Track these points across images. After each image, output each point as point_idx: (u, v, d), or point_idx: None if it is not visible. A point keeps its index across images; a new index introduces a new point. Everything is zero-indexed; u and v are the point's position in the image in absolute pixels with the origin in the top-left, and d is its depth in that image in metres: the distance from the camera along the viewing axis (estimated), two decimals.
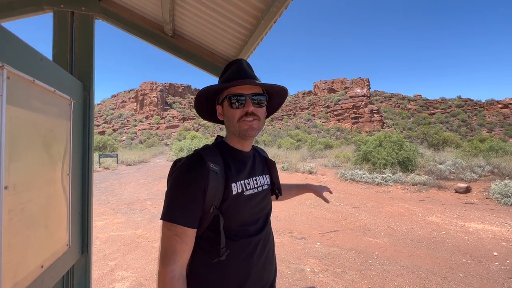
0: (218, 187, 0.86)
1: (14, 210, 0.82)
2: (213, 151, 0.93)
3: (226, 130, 1.01)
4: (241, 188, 0.93)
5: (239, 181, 0.93)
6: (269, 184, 1.08)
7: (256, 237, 0.94)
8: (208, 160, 0.87)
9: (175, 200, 0.84)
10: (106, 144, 30.29)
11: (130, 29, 1.83)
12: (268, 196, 1.06)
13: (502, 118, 64.73)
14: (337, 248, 4.40)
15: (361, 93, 67.16)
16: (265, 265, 0.97)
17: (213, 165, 0.87)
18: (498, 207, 6.79)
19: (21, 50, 0.87)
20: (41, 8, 1.54)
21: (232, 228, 0.90)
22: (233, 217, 0.90)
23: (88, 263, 1.50)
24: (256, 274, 0.93)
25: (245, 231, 0.92)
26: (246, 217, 0.93)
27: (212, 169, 0.86)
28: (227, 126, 0.98)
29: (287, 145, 27.31)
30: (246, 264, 0.91)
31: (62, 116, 1.19)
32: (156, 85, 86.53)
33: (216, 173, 0.86)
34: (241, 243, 0.91)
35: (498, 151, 13.51)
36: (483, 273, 3.55)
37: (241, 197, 0.92)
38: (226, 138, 1.03)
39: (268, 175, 1.10)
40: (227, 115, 0.95)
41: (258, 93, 0.96)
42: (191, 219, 0.82)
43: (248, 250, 0.92)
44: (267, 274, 0.98)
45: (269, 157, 1.18)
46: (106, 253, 4.21)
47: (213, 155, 0.91)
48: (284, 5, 1.26)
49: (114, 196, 8.65)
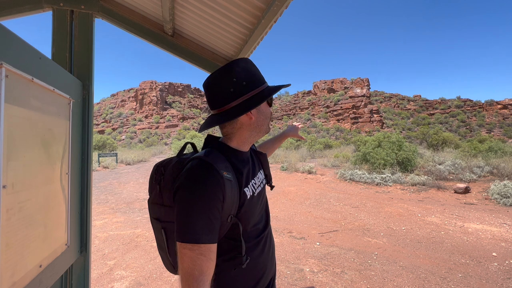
0: (234, 195, 0.81)
1: (12, 209, 0.82)
2: (219, 157, 0.85)
3: (251, 130, 0.94)
4: (251, 191, 0.91)
5: (249, 184, 0.92)
6: (263, 178, 1.07)
7: (264, 233, 0.96)
8: (219, 168, 0.80)
9: (195, 217, 0.73)
10: (105, 143, 30.26)
11: (130, 28, 1.83)
12: (265, 189, 1.06)
13: (501, 119, 64.83)
14: (336, 248, 4.40)
15: (360, 93, 67.18)
16: (272, 256, 1.00)
17: (226, 173, 0.81)
18: (497, 207, 6.80)
19: (20, 49, 0.86)
20: (41, 7, 1.53)
21: (246, 231, 0.88)
22: (248, 221, 0.89)
23: (87, 263, 1.50)
24: (268, 267, 0.96)
25: (257, 230, 0.93)
26: (257, 217, 0.94)
27: (226, 177, 0.79)
28: (259, 124, 0.94)
29: (286, 145, 27.31)
30: (260, 261, 0.92)
31: (61, 115, 1.19)
32: (156, 84, 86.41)
33: (230, 181, 0.81)
34: (255, 243, 0.91)
35: (497, 151, 13.54)
36: (482, 273, 3.55)
37: (253, 199, 0.91)
38: (229, 140, 0.94)
39: (262, 169, 1.08)
40: (266, 113, 0.96)
41: None
42: (214, 234, 0.75)
43: (260, 247, 0.93)
44: (274, 264, 1.02)
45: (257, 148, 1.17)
46: (105, 252, 4.21)
47: (221, 162, 0.84)
48: (284, 5, 1.25)
49: (113, 196, 8.64)
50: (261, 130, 0.96)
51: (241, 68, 0.90)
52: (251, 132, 0.94)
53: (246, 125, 0.92)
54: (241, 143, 0.94)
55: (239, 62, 0.92)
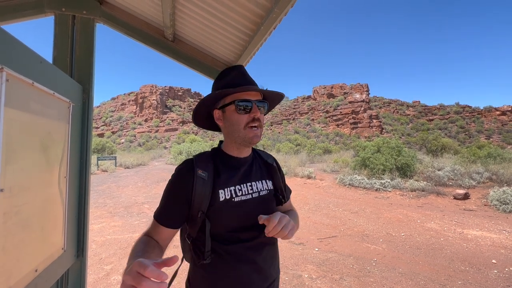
0: (205, 193, 0.89)
1: (9, 213, 0.82)
2: (206, 157, 0.97)
3: (226, 136, 1.00)
4: (229, 194, 0.92)
5: (227, 188, 0.93)
6: (270, 189, 1.03)
7: (247, 244, 0.92)
8: (197, 166, 0.92)
9: (161, 200, 0.95)
10: (104, 147, 30.23)
11: (131, 33, 1.84)
12: (268, 202, 1.01)
13: (500, 125, 65.04)
14: (335, 254, 4.37)
15: (360, 99, 67.48)
16: (253, 274, 0.92)
17: (201, 171, 0.91)
18: (496, 214, 6.78)
19: (21, 53, 0.87)
20: (43, 12, 1.54)
21: (220, 233, 0.91)
22: (221, 222, 0.90)
23: (84, 267, 1.48)
24: (242, 282, 0.90)
25: (236, 237, 0.91)
26: (235, 223, 0.92)
27: (200, 175, 0.90)
28: (229, 131, 0.96)
29: (286, 150, 27.33)
30: (233, 270, 0.90)
31: (61, 118, 1.19)
32: (156, 88, 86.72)
33: (203, 179, 0.90)
34: (231, 249, 0.90)
35: (496, 157, 13.55)
36: (481, 280, 3.53)
37: (229, 203, 0.91)
38: (223, 144, 1.03)
39: (270, 180, 1.05)
40: (232, 121, 0.94)
41: (262, 100, 0.97)
42: (167, 219, 0.92)
43: (238, 256, 0.90)
44: (256, 284, 0.93)
45: (275, 162, 1.12)
46: (102, 257, 4.17)
47: (204, 162, 0.94)
48: (283, 12, 1.27)
49: (111, 199, 8.60)
50: (232, 137, 0.96)
51: (231, 74, 0.99)
52: (227, 138, 1.00)
53: (223, 131, 1.01)
54: (228, 148, 1.01)
55: (232, 68, 1.01)
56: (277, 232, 0.82)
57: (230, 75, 0.98)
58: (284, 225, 0.83)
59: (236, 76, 0.97)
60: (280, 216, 0.84)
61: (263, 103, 0.96)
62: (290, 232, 0.84)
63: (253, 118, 0.92)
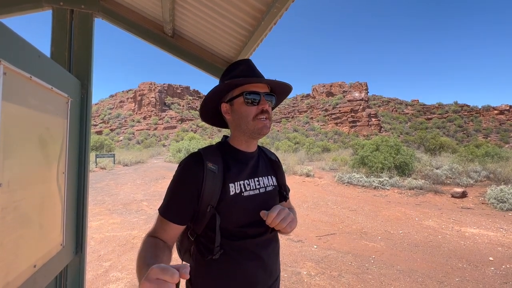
0: (215, 187, 0.86)
1: (7, 208, 0.81)
2: (214, 151, 0.94)
3: (234, 129, 0.98)
4: (239, 188, 0.91)
5: (238, 182, 0.92)
6: (275, 185, 1.03)
7: (255, 240, 0.91)
8: (206, 159, 0.88)
9: (168, 195, 0.89)
10: (103, 144, 30.12)
11: (129, 28, 1.82)
12: (274, 198, 1.01)
13: (498, 124, 65.36)
14: (333, 251, 4.39)
15: (359, 97, 67.54)
16: (259, 270, 0.91)
17: (211, 164, 0.88)
18: (493, 212, 6.83)
19: (19, 46, 0.86)
20: (41, 5, 1.52)
21: (229, 229, 0.89)
22: (230, 217, 0.89)
23: (82, 264, 1.48)
24: (249, 278, 0.90)
25: (243, 233, 0.90)
26: (244, 218, 0.91)
27: (210, 168, 0.87)
28: (238, 124, 0.95)
29: (285, 148, 27.34)
30: (239, 266, 0.88)
31: (59, 114, 1.18)
32: (155, 86, 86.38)
33: (213, 172, 0.87)
34: (238, 245, 0.89)
35: (494, 156, 13.63)
36: (479, 278, 3.56)
37: (239, 197, 0.90)
38: (230, 138, 1.01)
39: (274, 176, 1.05)
40: (240, 113, 0.93)
41: (270, 93, 0.96)
42: (176, 215, 0.87)
43: (245, 253, 0.89)
44: (262, 280, 0.92)
45: (277, 159, 1.13)
46: (100, 253, 4.17)
47: (213, 155, 0.91)
48: (284, 7, 1.26)
49: (110, 197, 8.58)
50: (242, 129, 0.95)
51: (239, 68, 0.98)
52: (235, 131, 0.98)
53: (231, 125, 1.00)
54: (235, 142, 0.99)
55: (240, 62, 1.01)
56: (276, 224, 0.84)
57: (238, 69, 0.97)
58: (283, 217, 0.84)
59: (244, 69, 0.96)
60: (279, 208, 0.86)
61: (271, 97, 0.96)
62: (289, 225, 0.86)
63: (261, 110, 0.92)
